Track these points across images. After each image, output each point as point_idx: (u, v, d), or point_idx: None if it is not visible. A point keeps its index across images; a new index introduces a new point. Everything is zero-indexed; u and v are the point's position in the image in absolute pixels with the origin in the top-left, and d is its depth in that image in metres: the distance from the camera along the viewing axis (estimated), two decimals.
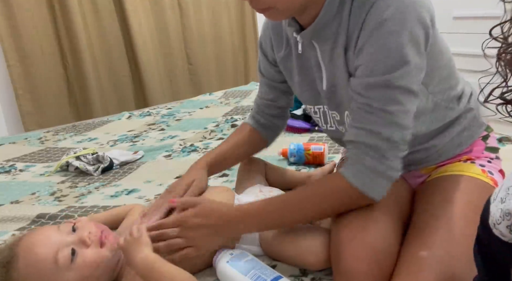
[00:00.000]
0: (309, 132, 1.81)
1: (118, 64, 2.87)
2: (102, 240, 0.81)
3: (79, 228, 0.81)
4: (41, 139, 2.04)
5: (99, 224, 0.86)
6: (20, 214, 1.23)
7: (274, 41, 0.98)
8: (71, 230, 0.81)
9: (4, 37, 2.43)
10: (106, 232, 0.84)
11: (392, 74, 0.73)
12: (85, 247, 0.78)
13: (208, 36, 3.31)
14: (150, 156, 1.70)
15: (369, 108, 0.76)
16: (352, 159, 0.79)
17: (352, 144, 0.79)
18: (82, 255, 0.77)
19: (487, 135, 0.97)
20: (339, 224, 0.83)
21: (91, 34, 2.73)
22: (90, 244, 0.79)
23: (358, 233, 0.78)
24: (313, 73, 0.90)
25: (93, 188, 1.41)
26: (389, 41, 0.72)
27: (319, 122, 0.98)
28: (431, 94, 0.85)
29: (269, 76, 1.06)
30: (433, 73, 0.82)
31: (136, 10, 2.87)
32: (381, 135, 0.75)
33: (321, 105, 0.94)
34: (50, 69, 2.61)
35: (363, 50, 0.75)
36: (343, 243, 0.77)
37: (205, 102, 2.56)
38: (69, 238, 0.79)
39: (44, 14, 2.55)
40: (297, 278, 0.85)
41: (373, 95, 0.75)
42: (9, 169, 1.65)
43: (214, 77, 3.38)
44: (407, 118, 0.76)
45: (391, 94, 0.74)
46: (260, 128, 1.12)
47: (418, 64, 0.75)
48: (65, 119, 2.66)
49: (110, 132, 2.09)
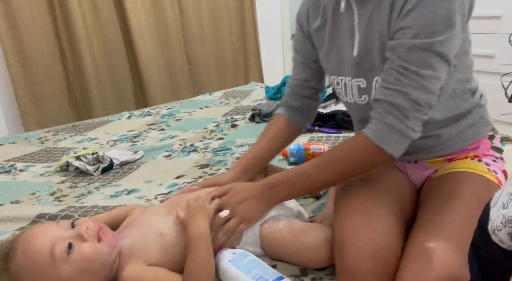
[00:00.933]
0: (309, 132, 1.81)
1: (118, 64, 2.87)
2: (99, 235, 0.82)
3: (78, 224, 0.82)
4: (41, 139, 2.04)
5: (98, 222, 0.87)
6: (20, 214, 1.23)
7: (311, 11, 1.02)
8: (70, 226, 0.82)
9: (4, 37, 2.43)
10: (105, 229, 0.85)
11: (436, 38, 0.76)
12: (83, 241, 0.79)
13: (208, 36, 3.31)
14: (150, 156, 1.70)
15: (404, 71, 0.79)
16: (374, 118, 0.83)
17: (378, 103, 0.82)
18: (79, 249, 0.78)
19: (493, 135, 0.99)
20: (342, 221, 0.83)
21: (91, 34, 2.73)
22: (87, 238, 0.79)
23: (362, 230, 0.78)
24: (344, 40, 0.93)
25: (93, 188, 1.42)
26: (441, 6, 0.75)
27: (340, 93, 1.01)
28: (453, 80, 0.88)
29: (303, 53, 1.09)
30: (459, 58, 0.86)
31: (136, 10, 2.87)
32: (408, 96, 0.79)
33: (344, 77, 0.96)
34: (50, 69, 2.61)
35: (412, 12, 0.78)
36: (346, 241, 0.77)
37: (205, 102, 2.56)
38: (67, 233, 0.80)
39: (44, 14, 2.55)
40: (297, 278, 0.85)
41: (412, 58, 0.78)
42: (9, 169, 1.65)
43: (214, 77, 3.38)
44: (437, 85, 0.80)
45: (429, 58, 0.78)
46: (293, 116, 1.15)
47: (459, 35, 0.79)
48: (65, 119, 2.65)
49: (110, 132, 2.09)
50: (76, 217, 1.18)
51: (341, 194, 0.93)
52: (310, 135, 1.76)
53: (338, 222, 0.84)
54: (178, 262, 0.85)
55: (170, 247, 0.86)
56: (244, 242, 0.92)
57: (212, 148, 1.72)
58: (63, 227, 0.81)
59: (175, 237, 0.87)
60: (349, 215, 0.83)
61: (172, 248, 0.86)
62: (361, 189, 0.90)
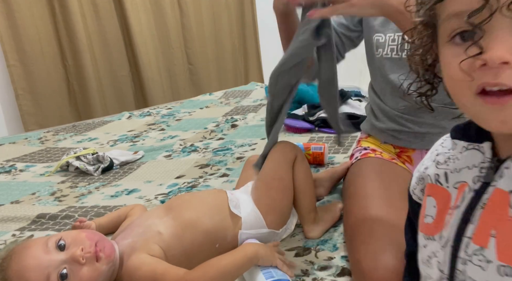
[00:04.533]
0: (309, 132, 1.81)
1: (118, 64, 2.87)
2: (97, 255, 0.77)
3: (71, 243, 0.77)
4: (41, 139, 2.04)
5: (92, 234, 0.82)
6: (20, 214, 1.23)
7: None
8: (60, 245, 0.76)
9: (4, 37, 2.42)
10: (101, 243, 0.80)
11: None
12: (79, 265, 0.75)
13: (208, 36, 3.31)
14: (150, 156, 1.69)
15: None
16: None
17: None
18: (77, 274, 0.75)
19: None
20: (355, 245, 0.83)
21: (91, 34, 2.73)
22: (84, 262, 0.75)
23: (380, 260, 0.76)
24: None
25: (93, 188, 1.41)
26: None
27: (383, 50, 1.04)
28: None
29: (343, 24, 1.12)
30: None
31: (136, 10, 2.87)
32: None
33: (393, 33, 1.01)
34: (50, 69, 2.61)
35: None
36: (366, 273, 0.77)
37: (205, 102, 2.56)
38: (60, 257, 0.75)
39: (44, 14, 2.55)
40: (298, 278, 0.85)
41: None
42: (9, 169, 1.65)
43: (214, 77, 3.38)
44: None
45: None
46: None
47: None
48: (65, 119, 2.65)
49: (110, 132, 2.09)
50: (76, 217, 1.18)
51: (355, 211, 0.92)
52: (310, 135, 1.76)
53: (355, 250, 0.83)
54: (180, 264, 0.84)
55: (169, 247, 0.85)
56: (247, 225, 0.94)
57: (212, 148, 1.72)
58: (53, 250, 0.76)
59: (173, 237, 0.86)
60: (365, 242, 0.81)
61: (171, 248, 0.86)
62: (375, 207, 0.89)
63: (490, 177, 0.44)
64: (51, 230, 1.12)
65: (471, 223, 0.44)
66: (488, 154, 0.45)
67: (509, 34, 0.36)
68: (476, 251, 0.43)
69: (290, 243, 0.98)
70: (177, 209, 0.92)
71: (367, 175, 1.01)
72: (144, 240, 0.85)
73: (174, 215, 0.90)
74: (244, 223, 0.94)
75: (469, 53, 0.37)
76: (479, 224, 0.43)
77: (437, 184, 0.50)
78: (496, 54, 0.36)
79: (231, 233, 0.93)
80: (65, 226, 1.14)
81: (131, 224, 0.92)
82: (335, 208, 1.06)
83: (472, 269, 0.43)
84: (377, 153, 1.10)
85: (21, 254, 0.75)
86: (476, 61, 0.37)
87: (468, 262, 0.43)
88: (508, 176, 0.42)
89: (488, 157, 0.45)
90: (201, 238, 0.89)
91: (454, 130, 0.51)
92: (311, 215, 1.01)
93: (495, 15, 0.36)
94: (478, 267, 0.42)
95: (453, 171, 0.48)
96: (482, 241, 0.42)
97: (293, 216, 1.03)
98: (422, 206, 0.52)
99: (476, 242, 0.43)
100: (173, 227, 0.88)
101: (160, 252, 0.84)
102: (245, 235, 0.94)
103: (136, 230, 0.89)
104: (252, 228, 0.94)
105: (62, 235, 0.79)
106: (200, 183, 1.36)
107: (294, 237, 1.01)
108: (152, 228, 0.88)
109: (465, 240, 0.44)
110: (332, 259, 0.90)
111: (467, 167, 0.46)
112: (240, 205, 0.96)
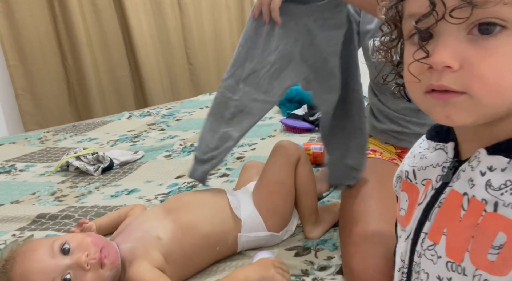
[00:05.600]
0: (309, 132, 1.81)
1: (118, 64, 2.87)
2: (102, 261, 0.77)
3: (76, 248, 0.77)
4: (41, 139, 2.04)
5: (97, 240, 0.81)
6: (21, 214, 1.23)
7: None
8: (64, 249, 0.76)
9: (4, 37, 2.42)
10: (106, 249, 0.80)
11: None
12: (84, 271, 0.75)
13: (208, 36, 3.31)
14: (150, 156, 1.69)
15: None
16: None
17: None
18: (80, 280, 0.74)
19: None
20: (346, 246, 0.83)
21: (91, 34, 2.73)
22: (88, 269, 0.75)
23: (370, 261, 0.77)
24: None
25: (93, 188, 1.41)
26: None
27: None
28: None
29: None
30: None
31: (136, 10, 2.87)
32: None
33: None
34: (50, 69, 2.61)
35: None
36: (356, 274, 0.77)
37: (205, 102, 2.56)
38: (65, 262, 0.74)
39: (44, 14, 2.55)
40: (298, 278, 0.85)
41: None
42: (9, 169, 1.65)
43: (214, 77, 3.38)
44: None
45: None
46: None
47: None
48: (65, 119, 2.65)
49: (110, 132, 2.09)
50: (76, 217, 1.18)
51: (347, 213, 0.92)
52: (310, 135, 1.76)
53: (346, 251, 0.84)
54: (180, 268, 0.84)
55: (169, 252, 0.85)
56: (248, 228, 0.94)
57: None
58: (58, 253, 0.75)
59: (172, 241, 0.86)
60: (356, 244, 0.82)
61: (171, 252, 0.85)
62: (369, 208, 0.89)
63: (449, 177, 0.46)
64: (51, 230, 1.12)
65: (428, 220, 0.47)
66: (451, 154, 0.47)
67: (455, 38, 0.37)
68: (430, 246, 0.46)
69: (290, 243, 0.98)
70: (176, 211, 0.91)
71: (364, 176, 1.01)
72: (144, 247, 0.84)
73: (174, 218, 0.89)
74: (244, 225, 0.93)
75: (416, 56, 0.40)
76: (434, 222, 0.46)
77: (407, 181, 0.53)
78: (440, 58, 0.37)
79: (232, 236, 0.92)
80: (65, 226, 1.14)
81: (129, 225, 0.91)
82: (336, 209, 1.06)
83: (425, 262, 0.46)
84: (377, 154, 1.10)
85: (25, 256, 0.75)
86: (424, 64, 0.39)
87: (423, 255, 0.46)
88: (463, 178, 0.43)
89: (450, 157, 0.47)
90: (202, 241, 0.88)
91: (429, 131, 0.53)
92: (313, 216, 1.01)
93: (443, 20, 0.37)
94: (430, 261, 0.45)
95: (419, 168, 0.51)
96: (435, 238, 0.45)
97: (294, 217, 1.03)
98: (398, 200, 0.56)
99: (430, 238, 0.46)
100: (172, 230, 0.87)
101: (161, 259, 0.83)
102: (244, 238, 0.93)
103: (135, 234, 0.87)
104: (252, 231, 0.94)
105: (66, 239, 0.78)
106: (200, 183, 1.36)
107: (294, 237, 1.01)
108: (151, 232, 0.86)
109: (422, 236, 0.47)
110: (331, 259, 0.90)
111: (432, 165, 0.49)
112: (240, 206, 0.95)
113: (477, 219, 0.40)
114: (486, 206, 0.40)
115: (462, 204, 0.42)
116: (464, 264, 0.41)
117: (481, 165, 0.41)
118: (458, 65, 0.37)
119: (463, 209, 0.42)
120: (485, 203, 0.40)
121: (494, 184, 0.40)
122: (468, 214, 0.42)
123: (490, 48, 0.36)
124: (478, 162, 0.42)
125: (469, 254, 0.41)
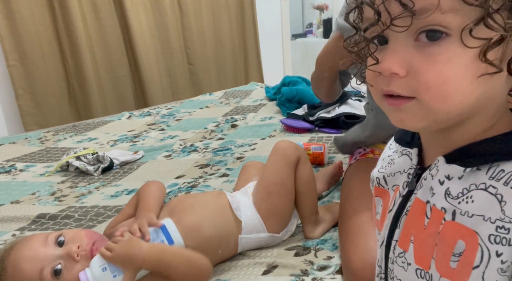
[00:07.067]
0: (309, 132, 1.81)
1: (118, 64, 2.87)
2: (92, 253, 0.78)
3: (69, 240, 0.78)
4: (41, 139, 2.04)
5: (92, 233, 0.82)
6: (20, 214, 1.23)
7: None
8: (59, 242, 0.78)
9: (4, 37, 2.42)
10: (99, 242, 0.80)
11: None
12: (74, 262, 0.76)
13: (208, 36, 3.31)
14: (150, 156, 1.70)
15: None
16: None
17: None
18: (70, 270, 0.75)
19: None
20: (345, 244, 0.84)
21: (91, 34, 2.73)
22: (78, 259, 0.76)
23: (368, 259, 0.77)
24: None
25: (93, 188, 1.41)
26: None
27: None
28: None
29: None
30: None
31: (136, 10, 2.87)
32: None
33: None
34: (50, 69, 2.61)
35: None
36: (354, 272, 0.78)
37: (205, 102, 2.56)
38: (56, 252, 0.76)
39: (44, 14, 2.55)
40: (298, 278, 0.85)
41: None
42: (9, 169, 1.65)
43: (214, 77, 3.38)
44: None
45: None
46: None
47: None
48: (65, 119, 2.65)
49: (110, 132, 2.09)
50: (76, 217, 1.18)
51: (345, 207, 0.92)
52: (310, 135, 1.76)
53: (344, 249, 0.84)
54: None
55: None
56: (248, 230, 0.93)
57: (212, 148, 1.72)
58: (52, 244, 0.77)
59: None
60: (354, 242, 0.82)
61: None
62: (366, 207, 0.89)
63: (413, 185, 0.46)
64: (51, 230, 1.12)
65: (398, 228, 0.47)
66: (415, 161, 0.47)
67: (403, 45, 0.38)
68: (400, 253, 0.46)
69: (290, 243, 0.98)
70: (179, 214, 0.90)
71: (362, 176, 1.01)
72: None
73: (177, 220, 0.89)
74: (244, 227, 0.93)
75: (368, 63, 0.41)
76: (402, 230, 0.46)
77: (379, 187, 0.54)
78: (387, 65, 0.38)
79: (233, 238, 0.92)
80: (65, 226, 1.14)
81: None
82: (335, 209, 1.06)
83: (397, 269, 0.47)
84: (376, 154, 1.10)
85: (21, 245, 0.78)
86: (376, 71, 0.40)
87: (395, 262, 0.47)
88: (425, 186, 0.44)
89: (414, 164, 0.47)
90: (204, 244, 0.87)
91: (396, 133, 0.53)
92: (313, 217, 1.01)
93: (390, 27, 0.37)
94: (401, 267, 0.46)
95: (389, 175, 0.51)
96: (404, 246, 0.46)
97: (294, 217, 1.03)
98: (373, 205, 0.56)
99: (400, 245, 0.47)
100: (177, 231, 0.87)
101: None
102: (245, 240, 0.93)
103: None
104: (252, 233, 0.94)
105: (63, 232, 0.80)
106: (200, 183, 1.36)
107: (294, 237, 1.01)
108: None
109: (393, 243, 0.48)
110: (331, 259, 0.90)
111: (399, 171, 0.49)
112: (240, 207, 0.95)
113: (438, 227, 0.41)
114: (445, 215, 0.40)
115: (426, 212, 0.43)
116: (431, 271, 0.42)
117: (440, 174, 0.42)
118: (404, 72, 0.37)
119: (427, 217, 0.43)
120: (444, 211, 0.40)
121: (452, 193, 0.40)
122: (431, 222, 0.42)
123: (434, 54, 0.36)
124: (437, 170, 0.42)
125: (434, 261, 0.41)
